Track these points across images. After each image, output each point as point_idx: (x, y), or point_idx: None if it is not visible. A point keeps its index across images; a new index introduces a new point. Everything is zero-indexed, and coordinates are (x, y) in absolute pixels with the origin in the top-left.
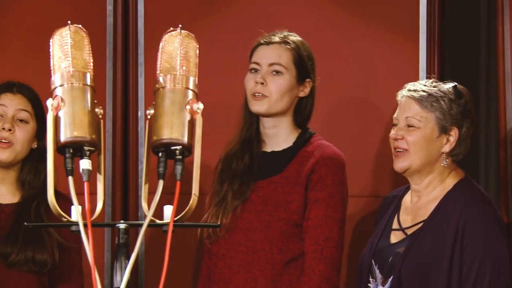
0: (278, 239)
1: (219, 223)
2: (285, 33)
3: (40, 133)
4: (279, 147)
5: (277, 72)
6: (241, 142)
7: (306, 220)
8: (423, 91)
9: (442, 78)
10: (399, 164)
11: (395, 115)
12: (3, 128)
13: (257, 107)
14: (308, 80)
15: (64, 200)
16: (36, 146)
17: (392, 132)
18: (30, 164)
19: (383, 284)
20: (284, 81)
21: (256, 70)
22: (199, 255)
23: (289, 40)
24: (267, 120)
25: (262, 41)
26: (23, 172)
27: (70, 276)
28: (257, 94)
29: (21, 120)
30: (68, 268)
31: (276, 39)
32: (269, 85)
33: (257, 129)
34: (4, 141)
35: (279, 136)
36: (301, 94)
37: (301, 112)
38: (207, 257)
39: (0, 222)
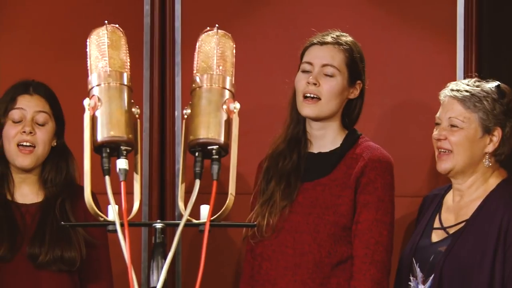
0: (327, 242)
1: (265, 223)
2: (338, 33)
3: (58, 131)
4: (326, 148)
5: (330, 74)
6: (288, 140)
7: (356, 223)
8: (466, 91)
9: (479, 77)
10: (443, 165)
11: (438, 114)
12: (24, 132)
13: (307, 111)
14: (358, 82)
15: (93, 198)
16: (55, 144)
17: (435, 133)
18: (51, 162)
19: (424, 282)
20: (336, 83)
21: (307, 71)
22: (236, 254)
23: (342, 41)
24: (316, 122)
25: (315, 41)
26: (45, 171)
27: (99, 274)
28: (308, 95)
29: (40, 124)
30: (96, 266)
31: (329, 39)
32: (322, 86)
33: (304, 128)
34: (25, 144)
35: (326, 137)
36: (351, 96)
37: (349, 114)
38: (249, 257)
39: (26, 222)
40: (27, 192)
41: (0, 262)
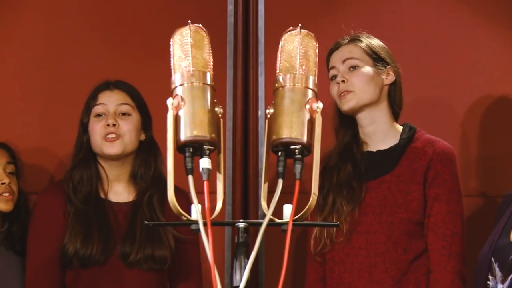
0: (401, 239)
1: (334, 232)
2: (354, 35)
3: (145, 124)
4: (384, 145)
5: (354, 66)
6: (339, 152)
7: (428, 217)
8: None
9: None
10: None
11: None
12: (108, 125)
13: (346, 105)
14: (388, 67)
15: (181, 195)
16: (144, 138)
17: None
18: (140, 158)
19: (503, 282)
20: (361, 72)
21: (335, 76)
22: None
23: (357, 38)
24: (362, 117)
25: (332, 47)
26: (135, 166)
27: (189, 272)
28: (342, 94)
29: (123, 114)
30: (186, 263)
31: (344, 41)
32: (350, 80)
33: (355, 134)
34: (110, 136)
35: (379, 132)
36: (386, 82)
37: (392, 102)
38: (313, 261)
39: (119, 221)
40: (120, 191)
41: (94, 266)
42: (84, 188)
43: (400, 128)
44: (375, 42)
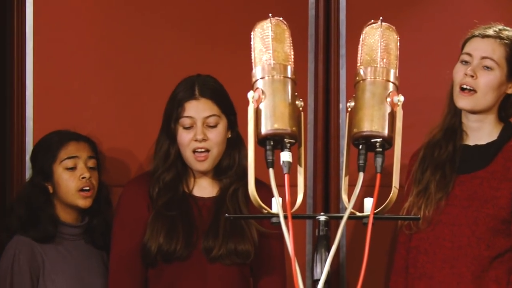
0: (486, 235)
1: (421, 214)
2: (500, 27)
3: (231, 124)
4: (482, 141)
5: (488, 67)
6: (444, 130)
7: None
8: None
9: None
10: None
11: None
12: (196, 139)
13: (463, 103)
14: None
15: (264, 189)
16: (230, 135)
17: None
18: (225, 153)
19: None
20: (494, 77)
21: (466, 62)
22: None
23: (503, 35)
24: (471, 114)
25: (476, 33)
26: (220, 161)
27: (272, 266)
28: (464, 87)
29: (211, 126)
30: (269, 257)
31: (491, 32)
32: (479, 79)
33: (460, 119)
34: (199, 150)
35: (482, 130)
36: (509, 91)
37: (506, 108)
38: (402, 249)
39: (202, 216)
40: (205, 186)
41: (177, 261)
42: (169, 189)
43: (501, 126)
44: None
